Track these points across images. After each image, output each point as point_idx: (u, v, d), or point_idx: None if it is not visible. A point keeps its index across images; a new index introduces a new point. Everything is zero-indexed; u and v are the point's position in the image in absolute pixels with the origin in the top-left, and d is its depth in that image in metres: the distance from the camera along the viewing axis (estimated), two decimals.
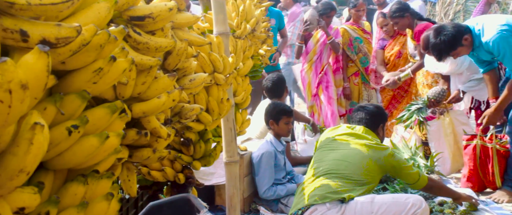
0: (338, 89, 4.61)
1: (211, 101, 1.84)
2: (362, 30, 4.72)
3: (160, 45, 1.23)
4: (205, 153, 1.92)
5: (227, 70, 1.89)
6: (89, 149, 0.87)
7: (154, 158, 1.32)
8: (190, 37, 1.50)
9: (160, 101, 1.24)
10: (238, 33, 2.31)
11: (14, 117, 0.59)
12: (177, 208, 1.50)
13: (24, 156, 0.65)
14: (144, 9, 1.17)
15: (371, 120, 2.55)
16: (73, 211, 0.85)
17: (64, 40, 0.70)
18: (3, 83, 0.56)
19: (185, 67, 1.56)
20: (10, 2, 0.63)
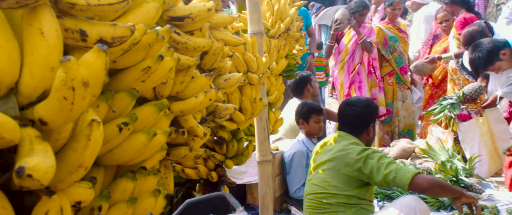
0: (374, 89, 4.48)
1: (244, 100, 1.85)
2: (398, 29, 4.59)
3: (198, 45, 1.24)
4: (238, 152, 1.93)
5: (261, 70, 1.89)
6: (138, 146, 0.88)
7: (190, 156, 1.34)
8: (226, 37, 1.51)
9: (198, 100, 1.25)
10: (272, 33, 2.31)
11: (76, 114, 0.62)
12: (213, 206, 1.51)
13: (83, 151, 0.67)
14: (184, 10, 1.19)
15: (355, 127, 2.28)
16: (123, 206, 0.87)
17: (119, 39, 0.72)
18: (67, 80, 0.58)
19: (220, 67, 1.57)
20: (72, 3, 0.65)
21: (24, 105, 0.63)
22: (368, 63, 4.46)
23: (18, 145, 0.59)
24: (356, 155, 2.07)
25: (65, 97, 0.59)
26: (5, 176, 0.67)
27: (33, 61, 0.61)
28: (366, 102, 2.35)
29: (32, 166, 0.55)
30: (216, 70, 1.53)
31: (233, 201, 1.54)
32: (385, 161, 2.03)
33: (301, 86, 3.71)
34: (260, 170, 2.32)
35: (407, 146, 3.81)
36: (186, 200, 1.59)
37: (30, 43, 0.61)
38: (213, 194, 1.64)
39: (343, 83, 4.54)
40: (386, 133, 4.65)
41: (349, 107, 2.33)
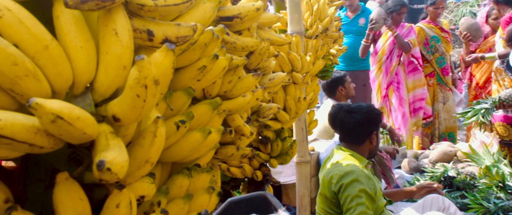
0: (418, 90, 4.32)
1: (288, 100, 1.85)
2: (440, 29, 4.43)
3: (246, 44, 1.25)
4: (282, 151, 1.93)
5: (305, 69, 1.88)
6: (194, 143, 0.90)
7: (237, 155, 1.35)
8: (272, 36, 1.52)
9: (245, 99, 1.26)
10: (310, 33, 2.30)
11: (146, 111, 0.64)
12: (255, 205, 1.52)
13: (150, 147, 0.69)
14: (233, 10, 1.21)
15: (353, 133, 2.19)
16: (180, 202, 0.89)
17: (183, 39, 0.74)
18: (140, 78, 0.60)
19: (265, 66, 1.58)
20: (141, 4, 0.68)
21: (98, 102, 0.66)
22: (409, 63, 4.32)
23: (95, 140, 0.61)
24: (336, 180, 1.99)
25: (138, 94, 0.61)
26: (79, 170, 0.71)
27: (108, 60, 0.64)
28: (368, 109, 2.26)
29: (110, 160, 0.57)
30: (260, 69, 1.54)
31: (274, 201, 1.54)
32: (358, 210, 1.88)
33: (333, 87, 3.66)
34: (298, 170, 2.31)
35: (449, 150, 3.67)
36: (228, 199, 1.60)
37: (105, 43, 0.63)
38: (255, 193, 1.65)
39: (381, 84, 4.43)
40: (426, 135, 4.50)
41: (350, 115, 2.24)
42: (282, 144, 1.95)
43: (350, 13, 5.03)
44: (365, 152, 2.23)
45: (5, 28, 0.55)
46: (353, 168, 2.04)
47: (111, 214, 0.68)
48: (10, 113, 0.53)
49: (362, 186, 1.97)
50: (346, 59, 4.95)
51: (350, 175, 1.99)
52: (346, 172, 2.01)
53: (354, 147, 2.19)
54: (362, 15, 4.92)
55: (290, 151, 1.98)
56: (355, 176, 1.98)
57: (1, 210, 0.60)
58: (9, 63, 0.54)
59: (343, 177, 1.99)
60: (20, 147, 0.54)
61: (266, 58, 1.50)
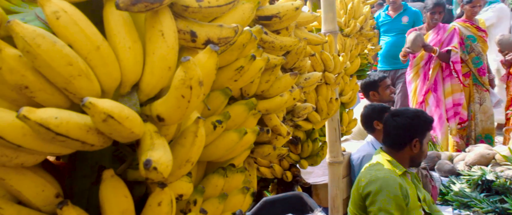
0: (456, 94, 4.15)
1: (320, 100, 1.83)
2: (476, 28, 4.24)
3: (285, 44, 1.25)
4: (312, 152, 1.91)
5: (338, 69, 1.86)
6: (229, 143, 0.91)
7: (274, 155, 1.35)
8: (308, 36, 1.50)
9: (283, 99, 1.26)
10: (347, 32, 2.26)
11: (190, 111, 0.65)
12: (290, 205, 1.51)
13: (191, 147, 0.70)
14: (272, 9, 1.20)
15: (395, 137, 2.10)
16: (215, 201, 0.90)
17: (224, 40, 0.74)
18: (186, 79, 0.60)
19: (301, 66, 1.57)
20: (185, 6, 0.69)
21: (143, 102, 0.67)
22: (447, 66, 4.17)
23: (140, 139, 0.63)
24: (364, 184, 1.95)
25: (183, 95, 0.61)
26: (122, 167, 0.73)
27: (154, 61, 0.65)
28: (413, 114, 2.14)
29: (156, 159, 0.58)
30: (296, 69, 1.53)
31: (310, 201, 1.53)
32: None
33: (366, 91, 3.57)
34: (331, 171, 2.28)
35: (486, 152, 3.51)
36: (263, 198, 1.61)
37: (152, 44, 0.65)
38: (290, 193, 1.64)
39: (417, 90, 4.28)
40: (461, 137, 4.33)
41: (392, 118, 2.16)
42: (312, 145, 1.93)
43: (392, 12, 4.96)
44: (405, 159, 2.13)
45: (61, 29, 0.57)
46: (384, 174, 1.99)
47: (153, 212, 0.69)
48: (65, 111, 0.55)
49: (389, 194, 1.92)
50: (388, 58, 4.87)
51: (377, 182, 1.94)
52: (375, 178, 1.97)
53: (393, 152, 2.12)
54: (405, 13, 4.90)
55: (321, 153, 1.96)
56: (383, 184, 1.93)
57: (52, 204, 0.63)
58: (64, 63, 0.56)
59: (371, 183, 1.95)
60: (73, 144, 0.56)
61: (303, 57, 1.49)
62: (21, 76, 0.55)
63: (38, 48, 0.54)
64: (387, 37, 5.02)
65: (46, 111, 0.54)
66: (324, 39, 1.57)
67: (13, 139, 0.53)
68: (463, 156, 3.57)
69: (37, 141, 0.55)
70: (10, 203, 0.58)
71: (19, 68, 0.55)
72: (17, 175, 0.59)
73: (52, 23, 0.57)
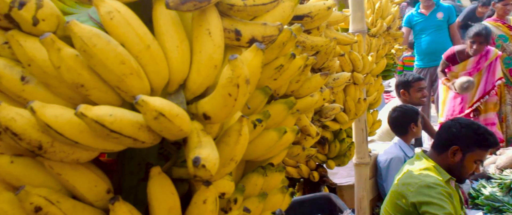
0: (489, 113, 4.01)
1: (348, 100, 1.81)
2: (508, 27, 4.11)
3: (316, 43, 1.24)
4: (340, 153, 1.89)
5: (366, 69, 1.83)
6: (269, 142, 0.90)
7: (302, 155, 1.34)
8: (338, 35, 1.49)
9: (313, 99, 1.25)
10: (373, 31, 2.23)
11: (236, 110, 0.65)
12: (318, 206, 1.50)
13: (235, 146, 0.70)
14: (304, 8, 1.19)
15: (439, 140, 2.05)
16: (255, 200, 0.90)
17: (268, 38, 0.74)
18: (233, 78, 0.61)
19: (329, 66, 1.55)
20: (231, 4, 0.69)
21: (189, 100, 0.68)
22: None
23: (188, 137, 0.63)
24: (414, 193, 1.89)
25: (230, 93, 0.62)
26: (167, 165, 0.74)
27: (200, 59, 0.65)
28: (468, 123, 2.07)
29: (204, 157, 0.59)
30: (325, 69, 1.52)
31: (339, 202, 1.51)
32: None
33: (397, 89, 3.51)
34: (357, 172, 2.25)
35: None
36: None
37: (199, 43, 0.65)
38: (319, 194, 1.63)
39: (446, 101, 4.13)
40: None
41: (446, 123, 2.14)
42: (340, 145, 1.91)
43: (424, 10, 4.91)
44: (443, 166, 2.08)
45: (114, 29, 0.58)
46: (434, 181, 1.94)
47: (199, 209, 0.70)
48: (119, 109, 0.56)
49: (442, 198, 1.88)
50: (425, 55, 4.80)
51: (431, 189, 1.89)
52: (426, 184, 1.92)
53: (435, 155, 2.07)
54: (439, 10, 4.86)
55: (348, 153, 1.94)
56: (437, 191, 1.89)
57: (104, 200, 0.64)
58: (118, 62, 0.57)
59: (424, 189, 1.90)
60: (125, 141, 0.57)
61: (332, 57, 1.48)
62: (78, 74, 0.56)
63: (94, 47, 0.55)
64: (423, 35, 4.94)
65: (101, 109, 0.55)
66: (354, 39, 1.55)
67: (71, 135, 0.54)
68: (494, 159, 3.46)
69: (92, 138, 0.56)
70: (66, 197, 0.60)
71: (76, 67, 0.56)
72: (72, 170, 0.60)
73: (106, 23, 0.58)
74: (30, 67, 0.57)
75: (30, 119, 0.54)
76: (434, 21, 4.86)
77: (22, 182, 0.59)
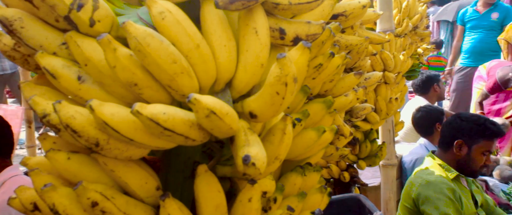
0: None
1: (379, 100, 1.79)
2: None
3: (350, 42, 1.23)
4: (370, 153, 1.86)
5: (398, 69, 1.80)
6: (308, 142, 0.90)
7: (336, 155, 1.33)
8: (370, 34, 1.47)
9: (348, 99, 1.24)
10: (398, 31, 2.19)
11: (283, 108, 0.65)
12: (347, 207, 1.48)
13: (279, 144, 0.70)
14: (338, 7, 1.18)
15: (443, 137, 2.04)
16: (294, 199, 0.89)
17: (312, 37, 0.74)
18: (282, 76, 0.61)
19: (360, 65, 1.54)
20: (276, 3, 0.69)
21: (235, 99, 0.69)
22: None
23: (235, 136, 0.64)
24: (416, 189, 1.89)
25: (278, 92, 0.62)
26: (211, 163, 0.75)
27: (247, 58, 0.66)
28: (469, 116, 2.07)
29: (254, 155, 0.59)
30: (356, 68, 1.50)
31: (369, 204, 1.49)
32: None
33: (428, 83, 3.45)
34: (384, 173, 2.22)
35: None
36: None
37: (245, 42, 0.66)
38: (347, 195, 1.62)
39: None
40: None
41: (447, 120, 2.13)
42: (370, 145, 1.89)
43: (481, 8, 4.72)
44: (451, 162, 2.07)
45: (166, 29, 0.59)
46: (435, 178, 1.93)
47: (244, 207, 0.70)
48: (172, 107, 0.57)
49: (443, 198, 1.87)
50: (474, 54, 4.65)
51: (429, 187, 1.89)
52: (426, 183, 1.92)
53: (442, 153, 2.07)
54: (495, 9, 4.64)
55: (379, 153, 1.91)
56: (436, 188, 1.87)
57: (154, 196, 0.65)
58: (170, 61, 0.58)
59: (423, 188, 1.90)
60: (177, 139, 0.58)
61: (363, 57, 1.46)
62: (132, 74, 0.58)
63: (148, 47, 0.56)
64: (473, 34, 4.77)
65: (156, 107, 0.56)
66: (387, 38, 1.53)
67: (126, 133, 0.56)
68: None
69: (146, 136, 0.57)
70: (120, 193, 0.61)
71: (130, 66, 0.57)
72: (125, 167, 0.62)
73: (158, 23, 0.60)
74: (87, 66, 0.59)
75: (88, 117, 0.56)
76: (487, 20, 4.64)
77: (78, 178, 0.61)
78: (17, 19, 0.60)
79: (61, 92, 0.63)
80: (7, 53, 0.64)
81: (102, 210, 0.58)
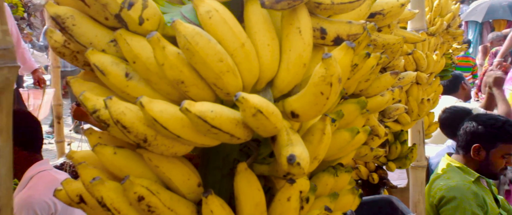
0: None
1: (411, 100, 1.75)
2: None
3: (387, 42, 1.21)
4: (400, 155, 1.83)
5: (430, 69, 1.76)
6: (341, 142, 0.89)
7: (370, 156, 1.32)
8: (405, 33, 1.44)
9: (384, 99, 1.22)
10: (432, 30, 2.14)
11: (326, 109, 0.65)
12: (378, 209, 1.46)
13: (318, 144, 0.70)
14: (376, 6, 1.16)
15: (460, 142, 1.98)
16: (326, 200, 0.89)
17: (353, 37, 0.73)
18: (327, 76, 0.60)
19: (394, 65, 1.51)
20: (318, 2, 0.69)
21: (275, 98, 0.69)
22: None
23: (277, 135, 0.64)
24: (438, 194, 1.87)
25: (322, 92, 0.62)
26: (248, 161, 0.75)
27: (290, 58, 0.66)
28: (486, 119, 2.02)
29: (299, 154, 0.59)
30: (390, 68, 1.48)
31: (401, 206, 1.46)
32: None
33: (456, 82, 3.37)
34: (413, 175, 2.17)
35: None
36: None
37: (289, 41, 0.66)
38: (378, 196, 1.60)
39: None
40: None
41: (463, 123, 2.10)
42: (401, 147, 1.85)
43: None
44: (471, 166, 2.05)
45: (213, 28, 0.60)
46: (456, 183, 1.89)
47: (283, 206, 0.70)
48: (218, 105, 0.58)
49: (467, 206, 1.82)
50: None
51: (451, 192, 1.87)
52: (446, 188, 1.91)
53: (461, 156, 2.03)
54: None
55: (410, 155, 1.88)
56: (457, 194, 1.86)
57: (195, 193, 0.66)
58: (217, 59, 0.59)
59: (444, 194, 1.89)
60: (223, 137, 0.59)
61: (398, 56, 1.44)
62: (179, 71, 0.59)
63: (197, 45, 0.57)
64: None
65: (204, 105, 0.57)
66: (422, 37, 1.50)
67: (174, 130, 0.57)
68: None
69: (192, 133, 0.58)
70: (164, 189, 0.63)
71: (178, 64, 0.58)
72: (169, 163, 0.63)
73: (205, 22, 0.60)
74: (135, 64, 0.61)
75: (137, 113, 0.57)
76: None
77: (124, 173, 0.62)
78: (69, 17, 0.61)
79: (108, 88, 0.64)
80: (57, 50, 0.66)
81: (148, 204, 0.60)
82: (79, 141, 4.03)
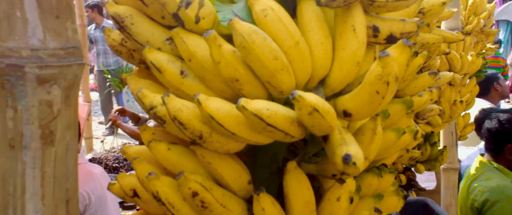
0: None
1: (442, 102, 1.71)
2: None
3: (427, 41, 1.18)
4: (430, 157, 1.79)
5: (464, 70, 1.72)
6: (387, 143, 0.87)
7: (406, 157, 1.30)
8: (444, 33, 1.40)
9: (422, 99, 1.19)
10: (468, 29, 2.08)
11: (381, 108, 0.64)
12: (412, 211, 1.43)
13: (369, 144, 0.69)
14: None
15: (490, 142, 1.92)
16: (370, 201, 0.88)
17: (407, 35, 0.72)
18: (383, 75, 0.59)
19: (430, 65, 1.48)
20: (372, 0, 0.68)
21: (327, 97, 0.68)
22: None
23: (330, 134, 0.63)
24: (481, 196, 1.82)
25: (378, 91, 0.60)
26: (296, 160, 0.75)
27: (343, 56, 0.65)
28: (506, 120, 1.98)
29: (354, 154, 0.58)
30: (426, 68, 1.45)
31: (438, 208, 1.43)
32: None
33: (487, 84, 3.27)
34: (445, 178, 2.13)
35: None
36: None
37: (342, 39, 0.65)
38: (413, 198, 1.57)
39: None
40: None
41: (489, 119, 2.04)
42: (431, 149, 1.81)
43: None
44: (506, 165, 2.02)
45: (268, 26, 0.60)
46: (496, 183, 1.84)
47: (332, 206, 0.70)
48: (273, 103, 0.58)
49: (508, 205, 1.77)
50: None
51: (492, 194, 1.82)
52: (491, 189, 1.83)
53: (494, 158, 1.97)
54: None
55: (440, 158, 1.83)
56: (500, 195, 1.81)
57: (245, 190, 0.66)
58: (272, 57, 0.59)
59: (489, 195, 1.81)
60: (277, 135, 0.59)
61: (435, 56, 1.40)
62: (235, 69, 0.59)
63: (253, 43, 0.57)
64: None
65: (260, 103, 0.57)
66: (461, 37, 1.46)
67: (229, 127, 0.57)
68: None
69: (247, 130, 0.58)
70: (216, 185, 0.63)
71: (233, 62, 0.59)
72: (221, 160, 0.63)
73: (260, 20, 0.60)
74: (190, 62, 0.61)
75: (194, 110, 0.58)
76: None
77: (178, 168, 0.63)
78: (128, 16, 0.63)
79: (163, 86, 0.65)
80: (115, 48, 0.68)
81: (201, 200, 0.60)
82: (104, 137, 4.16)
